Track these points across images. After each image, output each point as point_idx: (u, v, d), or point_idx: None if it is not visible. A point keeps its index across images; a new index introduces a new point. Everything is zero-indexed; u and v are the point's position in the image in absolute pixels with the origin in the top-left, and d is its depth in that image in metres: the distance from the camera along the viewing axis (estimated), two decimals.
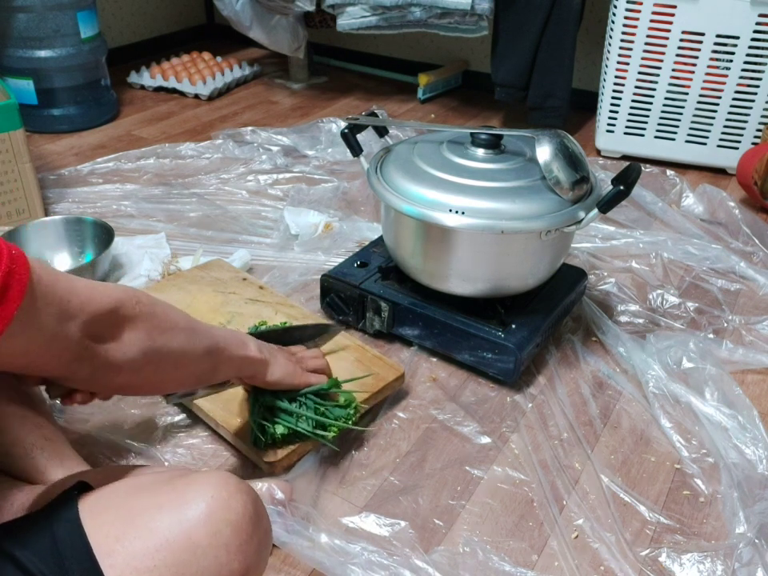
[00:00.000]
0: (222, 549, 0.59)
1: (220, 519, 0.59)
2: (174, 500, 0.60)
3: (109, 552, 0.56)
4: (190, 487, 0.61)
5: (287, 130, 2.03)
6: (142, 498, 0.61)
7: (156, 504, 0.60)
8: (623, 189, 1.02)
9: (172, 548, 0.57)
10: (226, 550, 0.59)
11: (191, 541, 0.58)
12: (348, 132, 1.20)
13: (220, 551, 0.58)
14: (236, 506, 0.60)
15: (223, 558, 0.59)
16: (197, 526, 0.58)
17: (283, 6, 2.15)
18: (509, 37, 1.98)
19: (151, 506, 0.60)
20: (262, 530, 0.63)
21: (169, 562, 0.57)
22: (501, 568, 0.85)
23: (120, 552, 0.56)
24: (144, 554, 0.56)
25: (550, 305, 1.20)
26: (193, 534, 0.58)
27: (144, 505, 0.60)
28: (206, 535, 0.58)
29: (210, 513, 0.59)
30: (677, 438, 1.06)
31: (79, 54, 2.02)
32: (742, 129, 1.82)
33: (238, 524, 0.60)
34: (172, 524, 0.58)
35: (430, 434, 1.06)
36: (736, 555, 0.88)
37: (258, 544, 0.62)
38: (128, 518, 0.59)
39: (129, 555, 0.56)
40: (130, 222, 1.58)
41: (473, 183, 1.07)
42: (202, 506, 0.59)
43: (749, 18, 1.69)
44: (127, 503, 0.61)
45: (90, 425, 1.04)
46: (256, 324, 1.14)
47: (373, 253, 1.31)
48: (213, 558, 0.58)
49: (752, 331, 1.28)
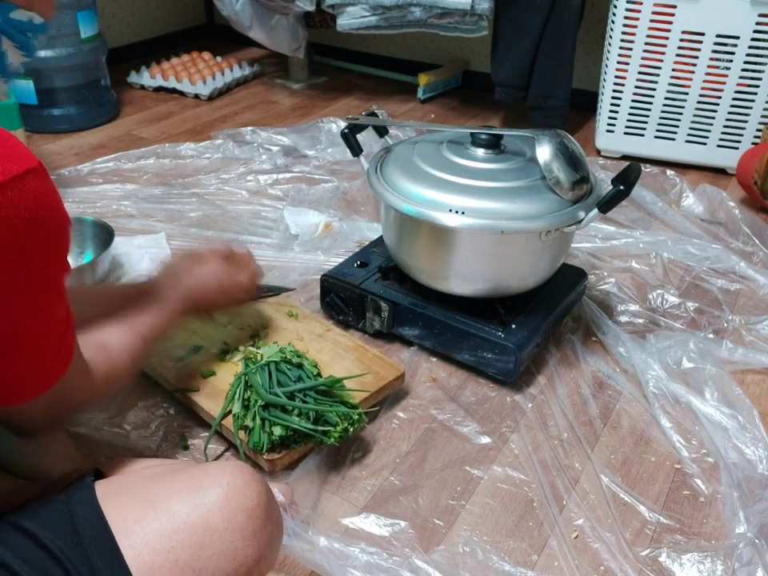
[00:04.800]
0: (238, 534, 0.60)
1: (236, 505, 0.61)
2: (190, 486, 0.62)
3: (127, 533, 0.58)
4: (207, 475, 0.63)
5: (287, 130, 2.03)
6: (158, 485, 0.63)
7: (173, 490, 0.61)
8: (623, 189, 1.02)
9: (189, 531, 0.59)
10: (241, 534, 0.60)
11: (208, 524, 0.59)
12: (348, 132, 1.20)
13: (235, 536, 0.60)
14: (251, 494, 0.62)
15: (238, 542, 0.60)
16: (213, 511, 0.60)
17: (283, 6, 2.15)
18: (509, 37, 1.98)
19: (168, 491, 0.61)
20: (274, 520, 0.65)
21: (186, 543, 0.58)
22: (501, 568, 0.85)
23: (138, 533, 0.58)
24: (162, 535, 0.58)
25: (550, 305, 1.20)
26: (209, 518, 0.59)
27: (161, 490, 0.62)
28: (222, 520, 0.60)
29: (226, 498, 0.61)
30: (677, 438, 1.06)
31: (79, 54, 2.02)
32: (742, 129, 1.82)
33: (252, 511, 0.61)
34: (189, 508, 0.60)
35: (430, 434, 1.06)
36: (736, 555, 0.88)
37: (271, 532, 0.64)
38: (146, 501, 0.60)
39: (147, 536, 0.58)
40: (130, 222, 1.58)
41: (473, 183, 1.07)
42: (218, 492, 0.61)
43: (749, 18, 1.69)
44: (144, 489, 0.62)
45: (90, 425, 1.04)
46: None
47: (373, 253, 1.31)
48: (229, 542, 0.60)
49: (752, 331, 1.28)
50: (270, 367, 0.99)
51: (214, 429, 0.98)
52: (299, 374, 0.99)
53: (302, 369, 1.00)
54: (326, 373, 1.03)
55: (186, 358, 1.09)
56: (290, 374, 0.98)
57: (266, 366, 0.99)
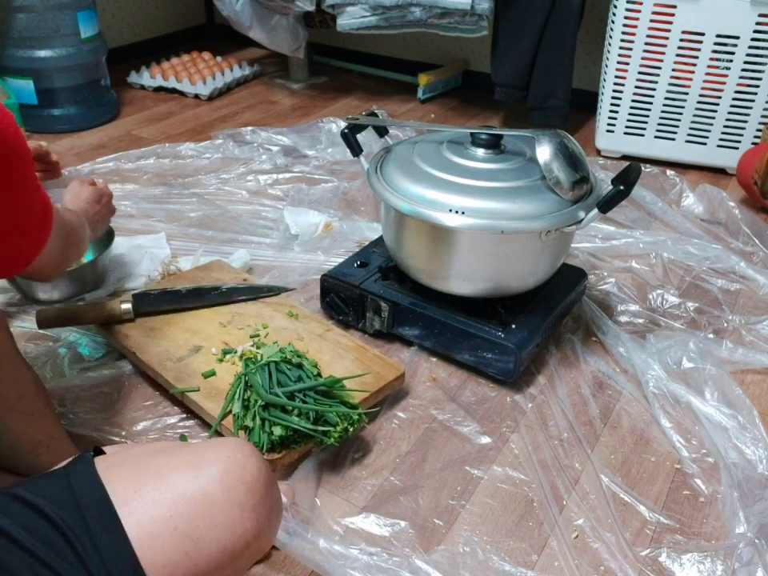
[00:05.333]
0: (237, 506, 0.60)
1: (235, 478, 0.61)
2: (191, 460, 0.62)
3: (126, 501, 0.58)
4: (207, 449, 0.63)
5: (287, 130, 2.03)
6: (158, 459, 0.63)
7: (173, 463, 0.62)
8: (623, 189, 1.02)
9: (188, 500, 0.59)
10: (240, 507, 0.61)
11: (207, 495, 0.60)
12: (348, 132, 1.20)
13: (234, 509, 0.60)
14: (251, 468, 0.62)
15: (237, 515, 0.60)
16: (212, 483, 0.60)
17: (283, 6, 2.15)
18: (509, 37, 1.98)
19: (168, 464, 0.62)
20: (273, 497, 0.65)
21: (185, 513, 0.58)
22: (501, 568, 0.85)
23: (138, 501, 0.58)
24: (161, 503, 0.58)
25: (550, 305, 1.20)
26: (209, 490, 0.60)
27: (161, 463, 0.62)
28: (222, 491, 0.60)
29: (226, 470, 0.61)
30: (677, 438, 1.06)
31: (79, 54, 2.02)
32: (742, 129, 1.82)
33: (252, 485, 0.62)
34: (189, 479, 0.60)
35: (430, 434, 1.06)
36: (736, 555, 0.88)
37: (270, 508, 0.64)
38: (145, 473, 0.61)
39: (146, 504, 0.58)
40: (130, 222, 1.58)
41: (473, 183, 1.07)
42: (218, 465, 0.61)
43: (749, 18, 1.69)
44: (144, 462, 0.63)
45: (90, 425, 1.04)
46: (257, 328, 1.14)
47: (373, 253, 1.31)
48: (228, 515, 0.60)
49: (752, 331, 1.28)
50: (270, 367, 0.99)
51: (214, 429, 0.98)
52: (299, 374, 0.99)
53: (301, 369, 1.00)
54: (326, 373, 1.03)
55: (186, 358, 1.09)
56: (290, 374, 0.98)
57: (266, 365, 0.99)
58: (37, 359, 1.16)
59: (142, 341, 1.12)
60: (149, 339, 1.13)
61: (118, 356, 1.18)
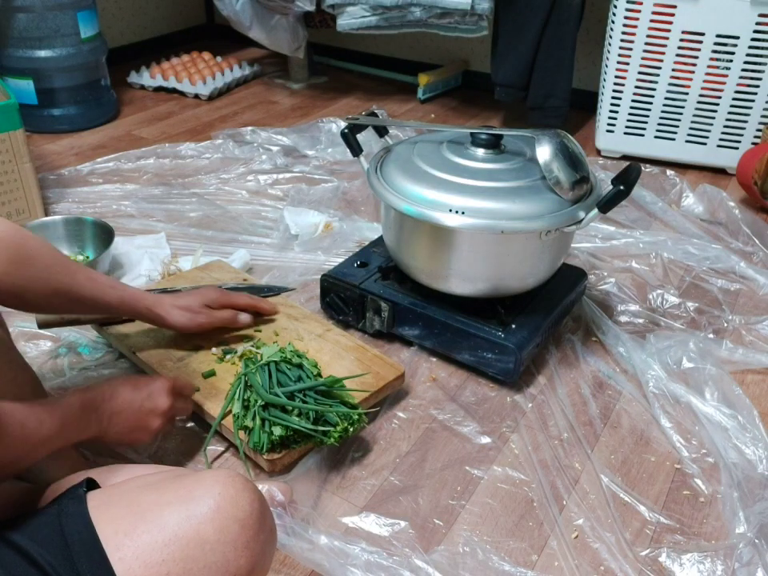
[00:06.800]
0: (230, 545, 0.59)
1: (228, 516, 0.60)
2: (182, 497, 0.60)
3: (118, 546, 0.57)
4: (198, 484, 0.62)
5: (287, 130, 2.03)
6: (150, 495, 0.62)
7: (164, 500, 0.60)
8: (623, 189, 1.02)
9: (180, 543, 0.58)
10: (233, 546, 0.59)
11: (199, 536, 0.58)
12: (348, 132, 1.20)
13: (227, 547, 0.59)
14: (243, 504, 0.61)
15: (231, 554, 0.59)
16: (205, 522, 0.59)
17: (283, 6, 2.15)
18: (509, 37, 1.98)
19: (159, 502, 0.60)
20: (267, 529, 0.64)
21: (177, 556, 0.57)
22: (501, 568, 0.85)
23: (129, 546, 0.57)
24: (153, 548, 0.57)
25: (550, 305, 1.20)
26: (201, 530, 0.58)
27: (152, 501, 0.61)
28: (214, 531, 0.59)
29: (218, 509, 0.59)
30: (677, 438, 1.06)
31: (79, 54, 2.02)
32: (742, 129, 1.82)
33: (245, 521, 0.60)
34: (180, 520, 0.58)
35: (430, 434, 1.06)
36: (736, 555, 0.88)
37: (264, 542, 0.62)
38: (137, 513, 0.59)
39: (138, 549, 0.57)
40: (130, 222, 1.58)
41: (473, 183, 1.07)
42: (210, 503, 0.60)
43: (749, 18, 1.69)
44: (135, 499, 0.61)
45: None
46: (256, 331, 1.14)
47: (373, 253, 1.31)
48: (220, 554, 0.59)
49: (752, 331, 1.28)
50: (270, 367, 0.99)
51: (214, 429, 0.98)
52: (299, 374, 0.99)
53: (302, 369, 1.00)
54: (326, 373, 1.03)
55: (186, 358, 1.09)
56: (290, 374, 0.98)
57: (266, 366, 0.99)
58: (37, 359, 1.16)
59: (141, 341, 1.12)
60: (149, 339, 1.13)
61: (118, 356, 1.18)
